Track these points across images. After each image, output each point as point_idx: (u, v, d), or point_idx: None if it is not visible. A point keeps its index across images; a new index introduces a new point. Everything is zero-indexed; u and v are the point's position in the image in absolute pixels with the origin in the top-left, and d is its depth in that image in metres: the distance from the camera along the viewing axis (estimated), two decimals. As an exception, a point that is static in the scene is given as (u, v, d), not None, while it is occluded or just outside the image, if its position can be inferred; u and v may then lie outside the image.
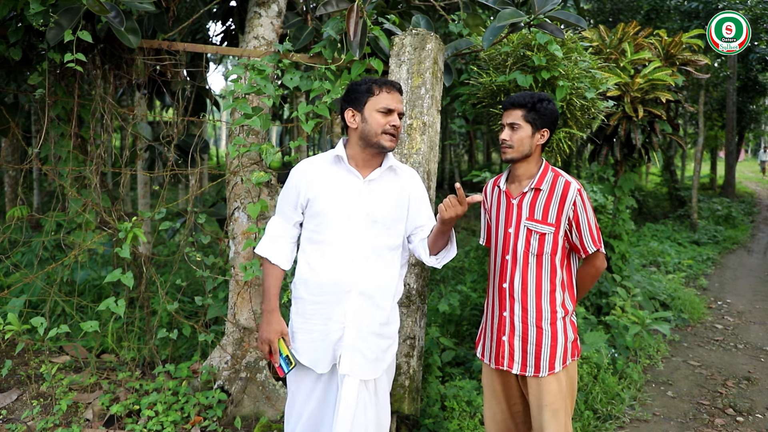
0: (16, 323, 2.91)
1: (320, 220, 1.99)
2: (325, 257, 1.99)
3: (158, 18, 3.42)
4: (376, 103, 1.96)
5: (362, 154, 2.01)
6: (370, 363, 2.00)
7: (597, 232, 2.15)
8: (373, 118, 1.96)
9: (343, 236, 1.97)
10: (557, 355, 2.14)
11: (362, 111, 1.98)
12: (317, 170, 2.03)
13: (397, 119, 1.98)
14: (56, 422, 2.96)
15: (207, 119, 3.98)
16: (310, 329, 2.01)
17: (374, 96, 1.97)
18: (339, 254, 1.97)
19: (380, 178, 2.03)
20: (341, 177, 2.01)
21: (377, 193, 2.01)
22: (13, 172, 7.40)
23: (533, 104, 2.12)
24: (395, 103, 1.98)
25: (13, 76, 3.79)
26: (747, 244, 10.23)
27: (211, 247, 5.92)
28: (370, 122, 1.96)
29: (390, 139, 1.97)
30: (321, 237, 1.99)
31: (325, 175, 2.02)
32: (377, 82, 1.98)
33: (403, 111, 2.02)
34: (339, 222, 1.97)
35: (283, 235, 2.09)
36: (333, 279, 1.97)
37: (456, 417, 3.04)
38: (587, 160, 6.82)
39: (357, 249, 1.97)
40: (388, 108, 1.96)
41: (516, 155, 2.16)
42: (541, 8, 2.69)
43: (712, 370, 4.33)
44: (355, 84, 2.03)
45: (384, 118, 1.96)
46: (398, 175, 2.09)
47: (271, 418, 3.03)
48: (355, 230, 1.97)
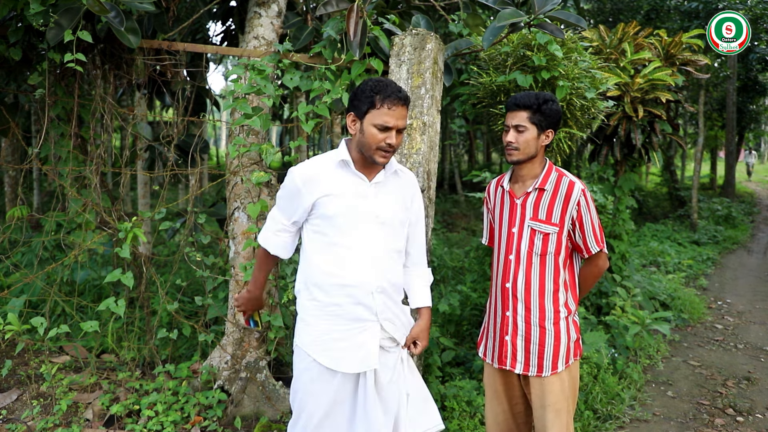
0: (16, 323, 2.91)
1: (331, 222, 1.96)
2: (339, 259, 1.96)
3: (158, 18, 3.42)
4: (375, 117, 1.88)
5: (363, 159, 1.99)
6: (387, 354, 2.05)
7: (600, 232, 2.15)
8: (369, 131, 1.89)
9: (357, 238, 1.96)
10: (560, 354, 2.14)
11: (362, 121, 1.92)
12: (324, 173, 1.98)
13: (394, 137, 1.90)
14: (56, 422, 2.96)
15: (207, 119, 3.98)
16: (332, 329, 1.99)
17: (375, 109, 1.88)
18: (355, 256, 1.96)
19: (385, 181, 2.03)
20: (349, 180, 1.98)
21: (383, 196, 2.01)
22: (13, 172, 7.40)
23: (538, 106, 2.11)
24: (395, 120, 1.89)
25: (13, 76, 3.79)
26: (747, 244, 10.23)
27: (211, 247, 5.91)
28: (366, 135, 1.90)
29: (383, 155, 1.92)
30: (334, 240, 1.97)
31: (332, 178, 1.98)
32: (381, 93, 1.88)
33: (404, 126, 1.94)
34: (352, 224, 1.96)
35: (283, 230, 2.08)
36: (351, 281, 1.95)
37: (456, 417, 3.04)
38: (587, 160, 6.82)
39: (371, 250, 1.97)
40: (386, 125, 1.88)
41: (522, 157, 2.16)
42: (541, 8, 2.69)
43: (712, 370, 4.33)
44: (361, 88, 1.93)
45: (381, 134, 1.88)
46: (401, 178, 2.09)
47: (271, 418, 3.03)
48: (367, 232, 1.97)
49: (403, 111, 1.92)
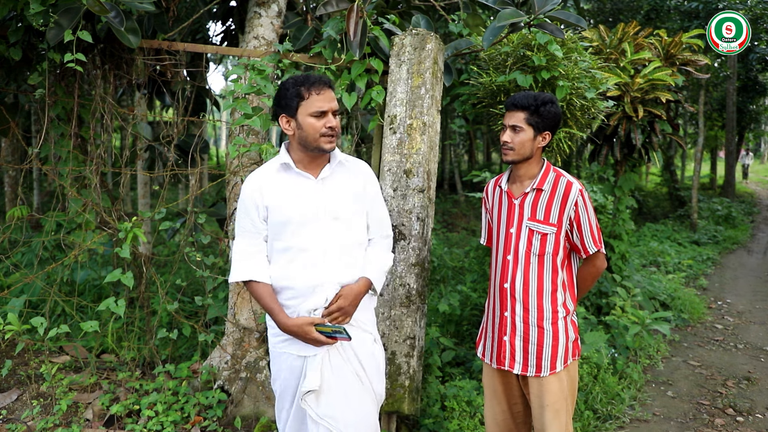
0: (16, 323, 2.91)
1: (283, 227, 1.95)
2: (295, 262, 1.95)
3: (158, 18, 3.42)
4: (308, 107, 1.89)
5: (307, 157, 1.97)
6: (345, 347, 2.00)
7: (598, 232, 2.15)
8: (307, 123, 1.90)
9: (309, 238, 1.95)
10: (558, 354, 2.14)
11: (295, 117, 1.92)
12: (268, 180, 1.98)
13: (332, 119, 1.91)
14: (56, 422, 2.96)
15: (207, 119, 3.98)
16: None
17: (305, 100, 1.89)
18: (310, 256, 1.95)
19: (332, 175, 2.01)
20: (294, 181, 1.97)
21: (333, 190, 1.99)
22: (13, 172, 7.40)
23: (536, 107, 2.10)
24: (327, 103, 1.90)
25: (13, 76, 3.79)
26: (747, 244, 10.23)
27: (211, 247, 5.91)
28: (305, 128, 1.90)
29: (329, 140, 1.92)
30: (287, 243, 1.96)
31: (277, 183, 1.97)
32: (305, 84, 1.90)
33: (336, 108, 1.95)
34: (303, 225, 1.94)
35: (255, 252, 2.01)
36: (308, 282, 1.94)
37: (456, 417, 3.04)
38: (587, 160, 6.83)
39: (326, 248, 1.95)
40: (321, 110, 1.89)
41: (517, 158, 2.16)
42: (541, 8, 2.69)
43: (712, 370, 4.33)
44: (283, 88, 1.94)
45: (318, 121, 1.89)
46: (349, 168, 2.06)
47: (271, 418, 3.03)
48: (320, 230, 1.95)
49: (330, 93, 1.94)
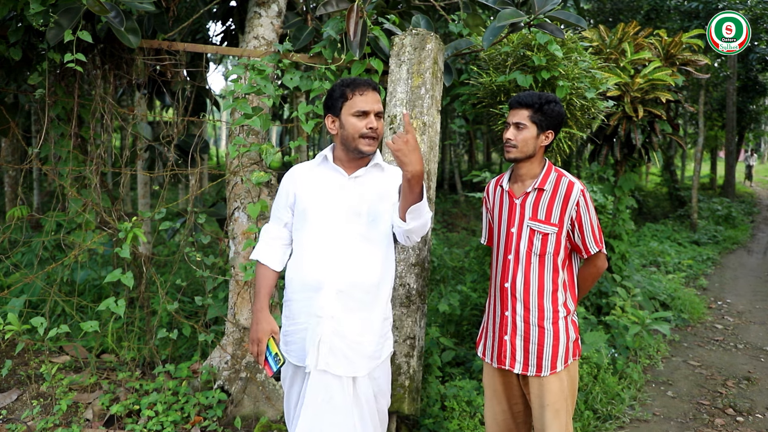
0: (16, 323, 2.91)
1: (302, 217, 2.02)
2: (305, 254, 2.00)
3: (158, 18, 3.42)
4: (351, 107, 1.94)
5: (347, 157, 2.02)
6: (347, 359, 1.94)
7: (599, 232, 2.15)
8: (349, 122, 1.94)
9: (322, 232, 1.98)
10: (559, 354, 2.14)
11: (339, 116, 1.97)
12: (305, 170, 2.08)
13: (374, 121, 1.95)
14: (56, 422, 2.96)
15: (207, 119, 3.98)
16: (296, 327, 2.02)
17: (348, 100, 1.94)
18: (318, 250, 1.98)
19: (366, 175, 2.03)
20: (326, 175, 2.04)
21: (361, 189, 2.01)
22: (13, 172, 7.40)
23: (540, 105, 2.11)
24: (370, 104, 1.94)
25: (13, 76, 3.79)
26: (747, 244, 10.23)
27: (211, 247, 5.92)
28: (347, 127, 1.95)
29: (368, 143, 1.95)
30: (303, 234, 2.02)
31: (311, 173, 2.06)
32: (350, 85, 1.95)
33: (380, 110, 1.99)
34: (319, 218, 1.99)
35: (275, 237, 2.11)
36: (312, 275, 1.96)
37: (456, 417, 3.04)
38: (587, 160, 6.83)
39: (335, 244, 1.96)
40: (363, 110, 1.93)
41: (519, 155, 2.16)
42: (541, 8, 2.69)
43: (712, 370, 4.33)
44: (330, 90, 2.02)
45: (360, 121, 1.93)
46: (384, 172, 2.08)
47: (271, 418, 3.03)
48: (334, 226, 1.97)
49: (375, 96, 1.98)
